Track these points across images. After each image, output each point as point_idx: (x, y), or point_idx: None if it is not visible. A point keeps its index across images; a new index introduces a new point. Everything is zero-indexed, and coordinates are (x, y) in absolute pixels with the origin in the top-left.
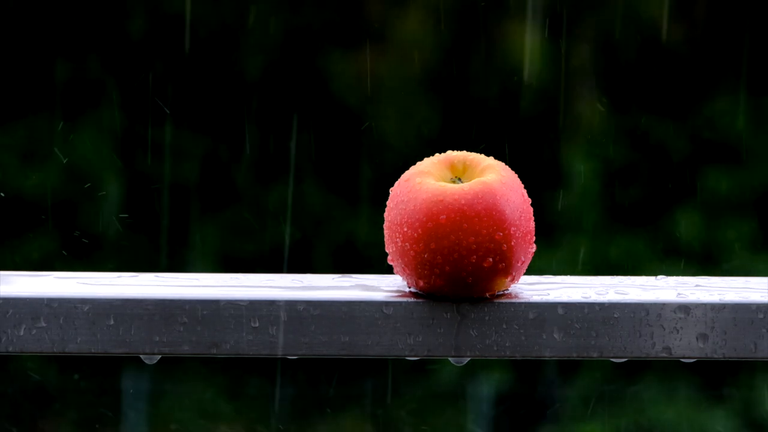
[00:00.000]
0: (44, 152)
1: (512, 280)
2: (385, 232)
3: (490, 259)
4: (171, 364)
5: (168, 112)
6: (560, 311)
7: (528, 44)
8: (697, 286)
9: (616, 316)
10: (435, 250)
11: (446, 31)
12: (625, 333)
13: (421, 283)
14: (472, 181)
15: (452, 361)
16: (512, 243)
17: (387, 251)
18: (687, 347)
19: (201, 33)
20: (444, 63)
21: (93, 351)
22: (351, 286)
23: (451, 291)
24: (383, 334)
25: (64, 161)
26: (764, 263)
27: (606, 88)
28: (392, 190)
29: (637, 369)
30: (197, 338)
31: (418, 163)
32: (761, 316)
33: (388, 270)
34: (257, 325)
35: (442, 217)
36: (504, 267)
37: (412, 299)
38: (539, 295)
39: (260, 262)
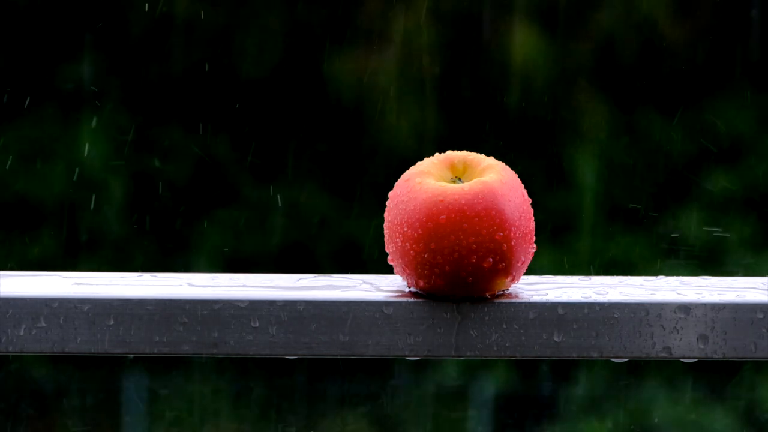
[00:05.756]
0: (45, 152)
1: (512, 280)
2: (385, 232)
3: (490, 259)
4: (171, 364)
5: (168, 112)
6: (560, 311)
7: (528, 43)
8: (697, 286)
9: (616, 316)
10: (435, 250)
11: (446, 30)
12: (625, 333)
13: (421, 283)
14: (472, 181)
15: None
16: (512, 243)
17: (387, 251)
18: (687, 347)
19: (201, 33)
20: (444, 62)
21: (93, 351)
22: (351, 285)
23: (451, 291)
24: (383, 334)
25: (65, 161)
26: (764, 263)
27: (607, 87)
28: (392, 191)
29: (637, 369)
30: (197, 338)
31: (418, 163)
32: (761, 316)
33: (388, 270)
34: (257, 325)
35: (442, 217)
36: (504, 267)
37: (412, 299)
38: (539, 295)
39: (260, 262)
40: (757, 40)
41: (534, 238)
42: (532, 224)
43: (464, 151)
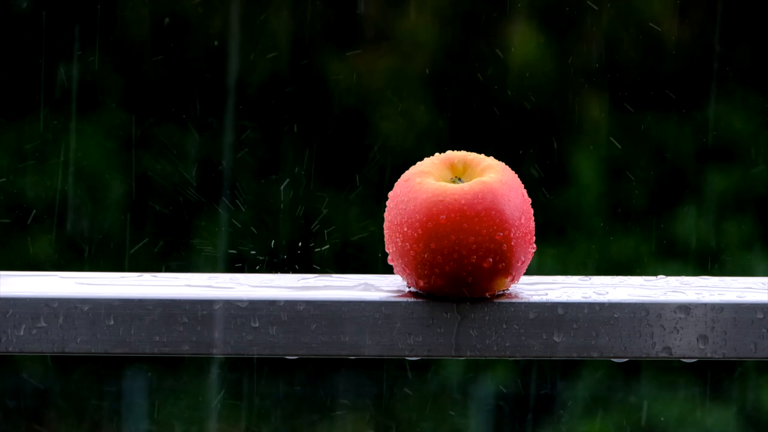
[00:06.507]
0: (45, 152)
1: (512, 280)
2: (385, 232)
3: (490, 259)
4: (171, 364)
5: (169, 112)
6: (560, 311)
7: (529, 43)
8: (697, 286)
9: (616, 316)
10: (435, 250)
11: (447, 30)
12: (625, 333)
13: (421, 283)
14: (472, 181)
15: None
16: (512, 243)
17: (387, 251)
18: (687, 347)
19: (202, 32)
20: (444, 62)
21: (93, 351)
22: (351, 285)
23: (451, 291)
24: (383, 334)
25: (65, 161)
26: (764, 263)
27: (607, 87)
28: (392, 191)
29: (637, 369)
30: (197, 338)
31: (418, 163)
32: (761, 316)
33: (388, 270)
34: (257, 325)
35: (442, 217)
36: (504, 267)
37: (412, 299)
38: (539, 295)
39: (260, 262)
40: (756, 40)
41: (534, 238)
42: (532, 224)
43: (464, 151)
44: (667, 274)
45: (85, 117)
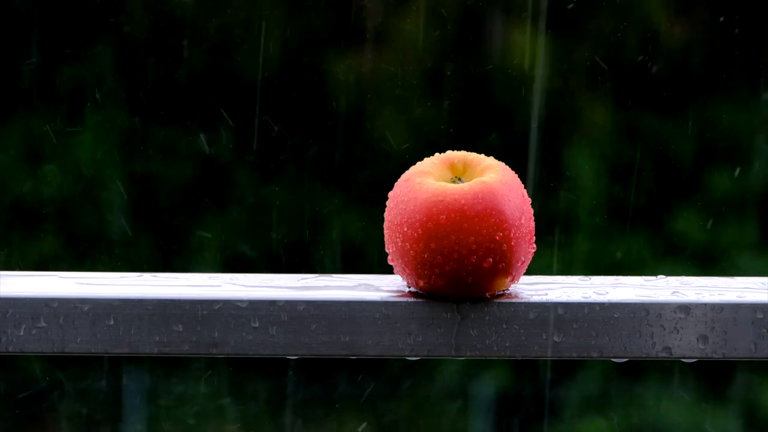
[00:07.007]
0: (45, 152)
1: (512, 280)
2: (385, 232)
3: (490, 259)
4: (171, 364)
5: (168, 112)
6: (560, 311)
7: (529, 43)
8: (697, 286)
9: (616, 316)
10: (435, 250)
11: (446, 30)
12: (625, 333)
13: (421, 283)
14: (472, 181)
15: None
16: (512, 243)
17: (387, 251)
18: (687, 347)
19: (201, 33)
20: (444, 62)
21: (93, 351)
22: (351, 285)
23: (451, 291)
24: (383, 334)
25: (65, 161)
26: (764, 263)
27: (607, 86)
28: (392, 191)
29: (638, 369)
30: (197, 338)
31: (418, 163)
32: (761, 316)
33: (388, 270)
34: (257, 325)
35: (442, 217)
36: (504, 267)
37: (412, 299)
38: (539, 295)
39: (260, 262)
40: (757, 40)
41: (534, 238)
42: (532, 224)
43: (464, 151)
44: (667, 274)
45: (86, 117)
